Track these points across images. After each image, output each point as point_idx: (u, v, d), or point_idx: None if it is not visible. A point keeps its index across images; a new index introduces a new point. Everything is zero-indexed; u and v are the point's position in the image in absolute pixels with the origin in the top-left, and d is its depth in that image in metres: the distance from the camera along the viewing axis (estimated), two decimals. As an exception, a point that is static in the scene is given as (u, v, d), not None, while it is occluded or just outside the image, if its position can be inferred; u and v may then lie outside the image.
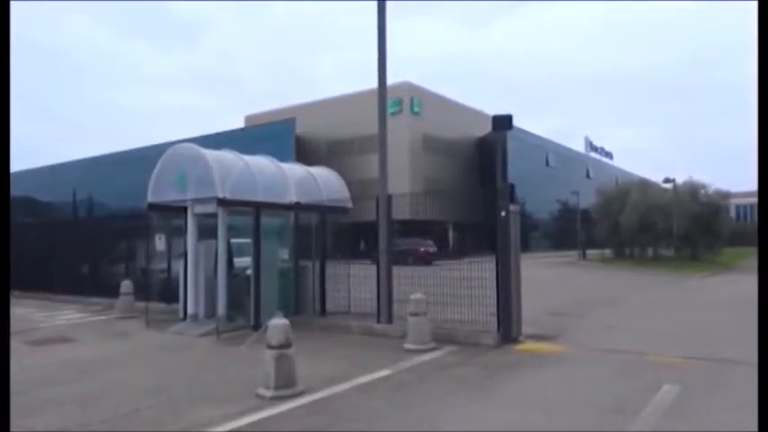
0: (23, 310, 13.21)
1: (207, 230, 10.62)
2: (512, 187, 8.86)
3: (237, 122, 63.89)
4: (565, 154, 64.22)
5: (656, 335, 9.49)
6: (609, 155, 75.84)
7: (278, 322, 5.84)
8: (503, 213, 8.60)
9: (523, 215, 11.86)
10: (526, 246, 28.47)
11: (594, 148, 72.54)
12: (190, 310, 10.56)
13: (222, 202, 9.58)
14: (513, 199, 8.73)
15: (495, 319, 8.60)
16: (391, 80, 10.55)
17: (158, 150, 11.62)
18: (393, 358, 7.53)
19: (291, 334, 5.87)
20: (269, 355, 5.74)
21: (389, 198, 9.84)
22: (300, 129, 49.57)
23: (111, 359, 7.97)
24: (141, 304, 11.81)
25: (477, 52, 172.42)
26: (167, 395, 5.89)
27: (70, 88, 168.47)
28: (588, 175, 66.09)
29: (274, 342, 5.73)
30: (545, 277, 20.64)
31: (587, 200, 43.51)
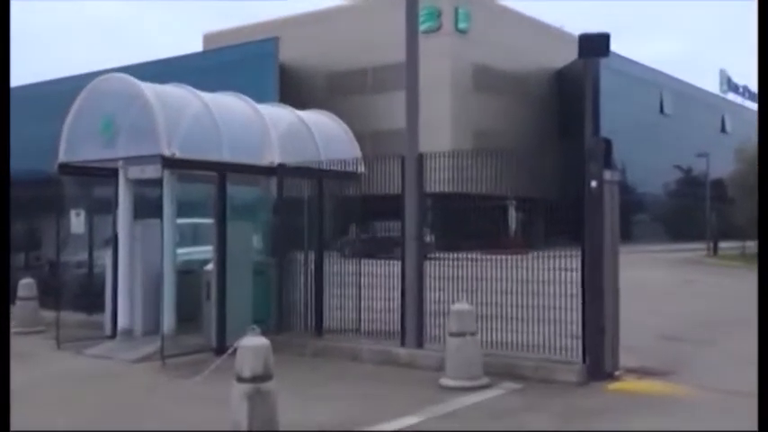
0: None
1: (147, 205, 10.69)
2: (607, 145, 8.77)
3: (193, 44, 64.01)
4: (688, 95, 63.46)
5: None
6: (756, 98, 74.76)
7: (252, 342, 5.85)
8: (593, 184, 8.53)
9: (624, 188, 11.76)
10: (627, 234, 28.25)
11: (734, 88, 71.46)
12: (121, 324, 10.67)
13: (169, 163, 9.60)
14: (608, 163, 8.64)
15: (579, 344, 8.57)
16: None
17: (75, 85, 11.67)
18: (424, 399, 7.56)
19: (273, 360, 5.89)
20: (239, 391, 5.76)
21: (421, 158, 9.80)
22: (287, 55, 49.45)
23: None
24: (50, 314, 11.95)
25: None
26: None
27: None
28: (724, 129, 65.36)
29: (247, 372, 5.75)
30: (655, 282, 20.57)
31: (722, 166, 42.95)
